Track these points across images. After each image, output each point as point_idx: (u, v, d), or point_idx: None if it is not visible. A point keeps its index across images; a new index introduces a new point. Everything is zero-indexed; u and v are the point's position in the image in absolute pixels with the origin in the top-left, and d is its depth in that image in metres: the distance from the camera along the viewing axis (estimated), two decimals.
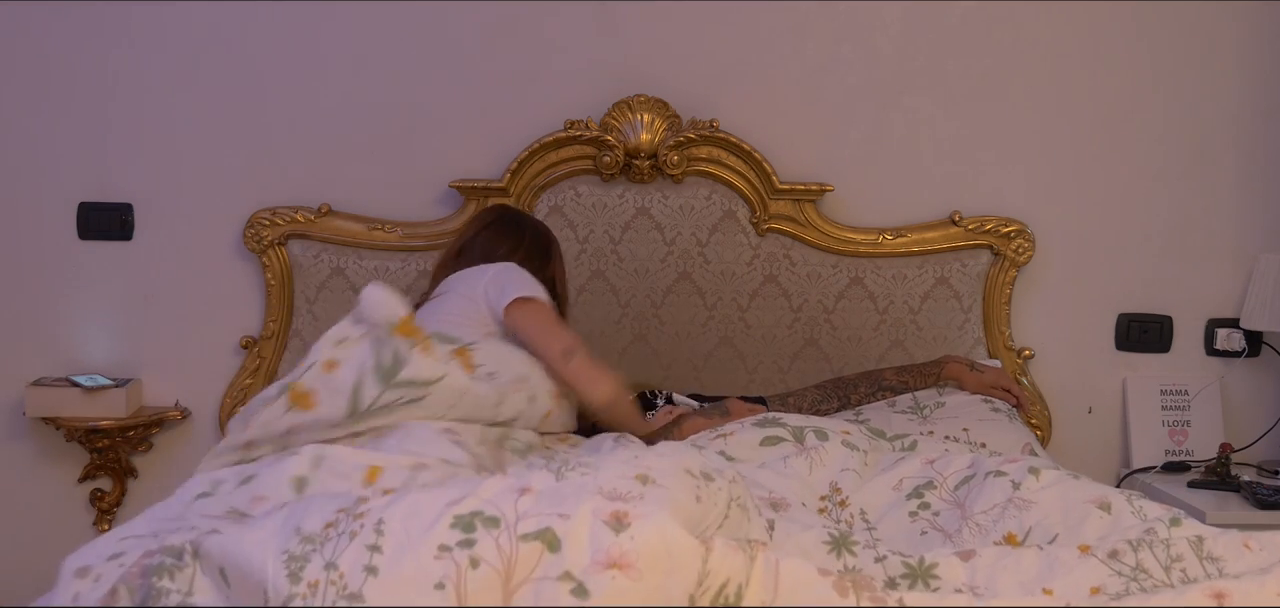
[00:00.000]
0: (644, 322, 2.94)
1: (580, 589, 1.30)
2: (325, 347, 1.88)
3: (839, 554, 1.65)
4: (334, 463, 1.72)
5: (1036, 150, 3.01)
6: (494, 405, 1.99)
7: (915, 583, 1.59)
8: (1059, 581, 1.57)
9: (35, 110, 2.90)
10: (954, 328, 2.97)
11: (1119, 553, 1.60)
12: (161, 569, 1.41)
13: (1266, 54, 3.01)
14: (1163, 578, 1.57)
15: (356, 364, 1.84)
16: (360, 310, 1.90)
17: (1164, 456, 3.01)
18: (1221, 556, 1.60)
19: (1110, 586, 1.56)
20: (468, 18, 2.92)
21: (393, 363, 1.84)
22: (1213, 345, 3.07)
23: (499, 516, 1.37)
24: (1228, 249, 3.05)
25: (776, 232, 2.94)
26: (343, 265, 2.90)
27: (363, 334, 1.89)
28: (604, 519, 1.35)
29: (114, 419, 2.84)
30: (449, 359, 1.93)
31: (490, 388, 1.98)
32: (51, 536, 2.86)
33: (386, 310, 1.88)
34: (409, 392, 1.85)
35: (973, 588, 1.57)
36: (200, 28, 2.90)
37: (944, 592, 1.57)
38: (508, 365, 2.09)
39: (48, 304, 2.94)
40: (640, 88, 2.91)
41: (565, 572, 1.31)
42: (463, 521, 1.36)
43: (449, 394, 1.89)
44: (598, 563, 1.31)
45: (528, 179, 2.91)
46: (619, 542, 1.33)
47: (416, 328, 1.90)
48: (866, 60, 2.98)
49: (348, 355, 1.86)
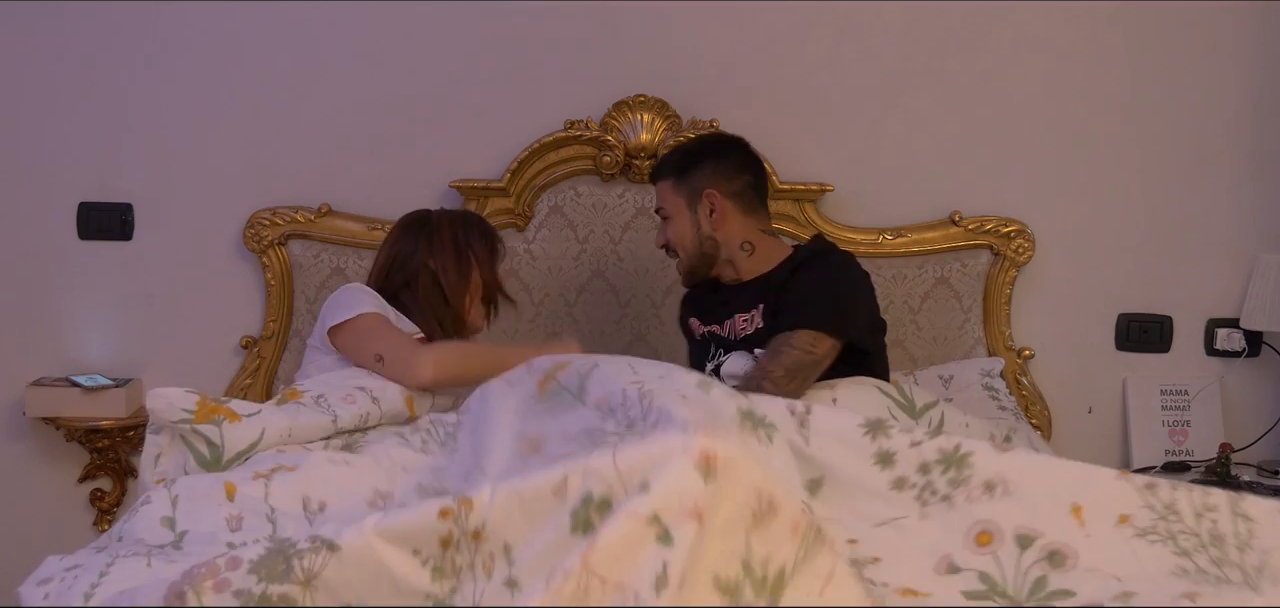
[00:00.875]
0: (644, 322, 2.94)
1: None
2: (148, 470, 1.93)
3: (873, 437, 1.65)
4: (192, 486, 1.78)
5: (1036, 150, 3.01)
6: (330, 421, 2.02)
7: (948, 468, 1.60)
8: (1090, 497, 1.58)
9: (35, 110, 2.90)
10: (954, 328, 2.97)
11: (1155, 486, 1.59)
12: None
13: (1266, 54, 3.01)
14: (1192, 525, 1.56)
15: (180, 468, 1.90)
16: (154, 419, 1.93)
17: (1164, 456, 3.01)
18: (1255, 517, 1.57)
19: (1140, 518, 1.56)
20: (468, 18, 2.92)
21: (211, 452, 1.89)
22: (1213, 345, 3.07)
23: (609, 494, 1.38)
24: (1227, 249, 3.04)
25: (777, 232, 2.93)
26: (343, 265, 2.90)
27: (171, 439, 1.93)
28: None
29: (114, 419, 2.84)
30: (272, 408, 2.00)
31: (318, 412, 2.03)
32: (51, 536, 2.85)
33: (178, 407, 1.92)
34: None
35: (1003, 481, 1.59)
36: (200, 28, 2.89)
37: (973, 483, 1.59)
38: (337, 385, 2.13)
39: (48, 304, 2.94)
40: (640, 88, 2.91)
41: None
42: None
43: (275, 435, 1.94)
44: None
45: (528, 179, 2.91)
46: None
47: (215, 404, 1.95)
48: (866, 60, 2.98)
49: (167, 465, 1.91)
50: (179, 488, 1.76)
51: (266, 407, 2.01)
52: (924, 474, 1.61)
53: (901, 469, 1.62)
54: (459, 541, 1.40)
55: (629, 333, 2.94)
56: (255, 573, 1.33)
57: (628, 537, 1.30)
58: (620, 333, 2.94)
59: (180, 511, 1.70)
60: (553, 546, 1.37)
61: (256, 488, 1.75)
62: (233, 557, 1.35)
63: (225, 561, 1.34)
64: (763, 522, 1.39)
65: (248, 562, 1.34)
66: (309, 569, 1.33)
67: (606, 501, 1.36)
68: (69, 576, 1.53)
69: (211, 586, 1.32)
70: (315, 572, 1.33)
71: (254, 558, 1.35)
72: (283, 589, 1.31)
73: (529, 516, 1.40)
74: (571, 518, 1.38)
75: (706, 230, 2.43)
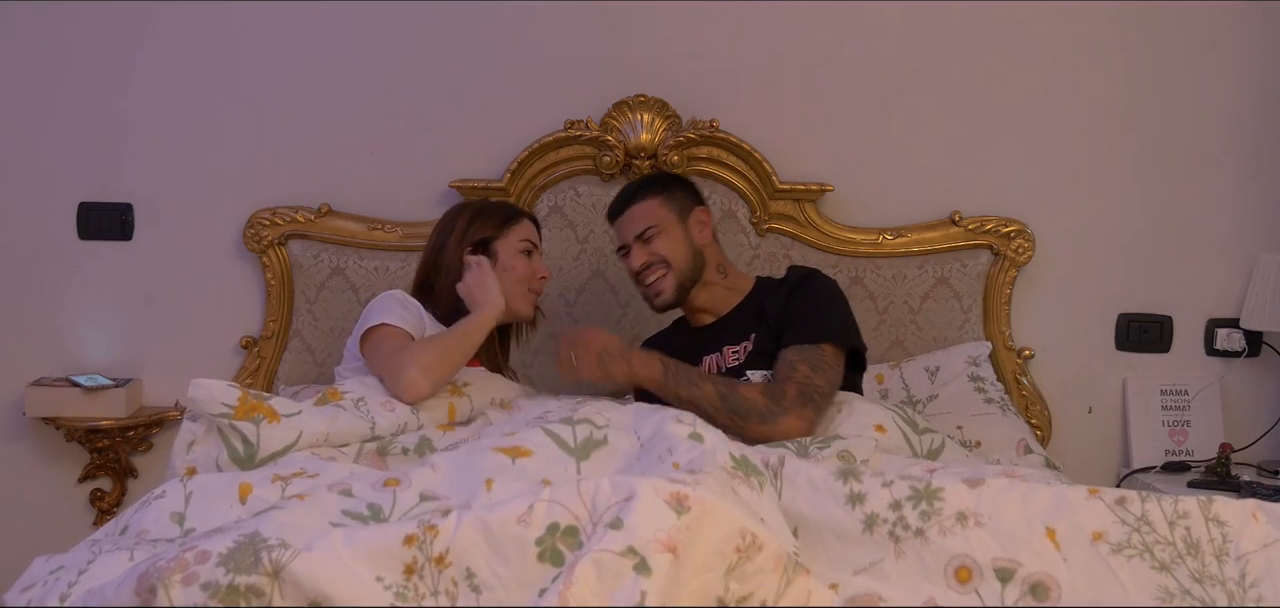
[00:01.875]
0: (644, 321, 2.94)
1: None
2: (179, 455, 1.91)
3: (845, 481, 1.66)
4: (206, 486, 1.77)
5: (1036, 150, 3.01)
6: (367, 427, 2.02)
7: (919, 503, 1.60)
8: (1064, 521, 1.57)
9: (35, 110, 2.90)
10: (954, 328, 2.96)
11: (1126, 501, 1.59)
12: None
13: (1266, 54, 3.01)
14: (1166, 534, 1.56)
15: (211, 460, 1.88)
16: (194, 408, 1.92)
17: (1164, 456, 3.01)
18: (1228, 521, 1.58)
19: (1113, 533, 1.56)
20: (468, 18, 2.92)
21: (246, 449, 1.88)
22: (1213, 345, 3.07)
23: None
24: (1227, 249, 3.04)
25: (777, 232, 2.94)
26: (343, 265, 2.90)
27: (207, 430, 1.92)
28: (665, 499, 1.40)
29: (114, 419, 2.84)
30: (312, 409, 1.99)
31: (357, 415, 2.02)
32: (51, 536, 2.84)
33: (219, 400, 1.91)
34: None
35: (975, 514, 1.58)
36: (201, 28, 2.89)
37: (945, 515, 1.58)
38: (377, 388, 2.13)
39: (48, 304, 2.94)
40: (640, 88, 2.91)
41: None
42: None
43: (312, 437, 1.94)
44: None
45: (528, 179, 2.91)
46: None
47: (256, 402, 1.93)
48: (866, 60, 2.98)
49: (200, 455, 1.89)
50: (194, 485, 1.74)
51: (306, 407, 1.99)
52: (895, 510, 1.61)
53: (872, 506, 1.62)
54: (422, 567, 1.40)
55: (629, 333, 2.94)
56: (223, 566, 1.32)
57: (605, 569, 1.32)
58: (620, 333, 2.93)
59: (192, 507, 1.69)
60: (518, 571, 1.38)
61: (272, 491, 1.73)
62: (201, 551, 1.34)
63: (193, 555, 1.34)
64: (747, 557, 1.41)
65: (216, 555, 1.34)
66: (277, 562, 1.33)
67: (573, 529, 1.39)
68: (51, 578, 1.53)
69: (180, 580, 1.31)
70: (284, 564, 1.33)
71: (222, 551, 1.35)
72: (250, 580, 1.31)
73: (493, 543, 1.41)
74: (537, 545, 1.39)
75: (698, 244, 2.47)
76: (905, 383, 2.80)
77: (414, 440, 2.02)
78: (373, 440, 2.01)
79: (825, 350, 2.27)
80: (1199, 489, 2.82)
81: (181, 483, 1.74)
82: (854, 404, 2.23)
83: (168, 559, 1.34)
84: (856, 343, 2.36)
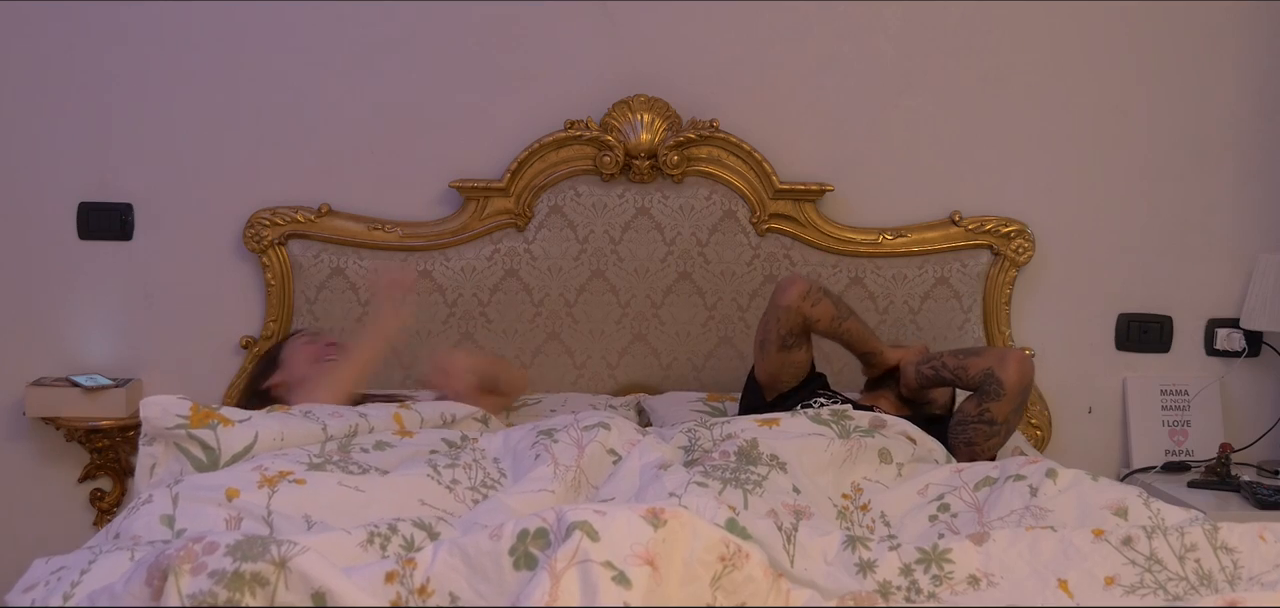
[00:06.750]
0: (644, 322, 2.94)
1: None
2: (142, 480, 1.92)
3: (853, 549, 1.66)
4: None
5: (1036, 150, 3.01)
6: (320, 431, 2.05)
7: (929, 566, 1.60)
8: (1074, 570, 1.57)
9: (35, 110, 2.90)
10: (954, 328, 2.97)
11: (1133, 540, 1.59)
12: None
13: (1266, 54, 3.01)
14: (1177, 570, 1.56)
15: (174, 476, 1.89)
16: (148, 426, 1.93)
17: (1164, 456, 3.02)
18: (1236, 547, 1.58)
19: (1125, 576, 1.56)
20: (468, 18, 2.92)
21: (208, 456, 1.90)
22: (1213, 345, 3.07)
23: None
24: (1227, 249, 3.05)
25: (776, 232, 2.94)
26: (343, 265, 2.90)
27: (165, 449, 1.93)
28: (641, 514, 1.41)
29: (114, 419, 2.84)
30: (262, 415, 2.03)
31: (309, 422, 2.06)
32: (51, 536, 2.85)
33: (173, 413, 1.92)
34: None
35: (987, 574, 1.58)
36: (200, 28, 2.89)
37: (956, 578, 1.57)
38: (322, 404, 2.21)
39: (48, 304, 2.94)
40: (640, 88, 2.91)
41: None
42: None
43: (268, 439, 1.97)
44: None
45: (528, 179, 2.91)
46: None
47: (208, 410, 1.96)
48: (866, 60, 2.98)
49: (164, 476, 1.90)
50: (181, 487, 1.76)
51: (256, 414, 2.03)
52: (907, 576, 1.60)
53: (883, 573, 1.61)
54: (407, 600, 1.42)
55: (629, 333, 2.94)
56: (231, 555, 1.34)
57: (587, 580, 1.32)
58: (620, 333, 2.94)
59: (180, 509, 1.71)
60: (497, 584, 1.41)
61: (260, 496, 1.75)
62: (210, 542, 1.36)
63: (202, 546, 1.36)
64: (733, 566, 1.41)
65: (224, 546, 1.36)
66: (284, 555, 1.34)
67: (542, 531, 1.40)
68: (53, 578, 1.54)
69: (189, 569, 1.33)
70: (289, 557, 1.34)
71: (230, 543, 1.37)
72: (256, 568, 1.33)
73: (471, 564, 1.43)
74: (511, 555, 1.42)
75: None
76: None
77: (371, 443, 2.03)
78: (331, 441, 2.03)
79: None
80: (1199, 489, 2.82)
81: (168, 486, 1.76)
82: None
83: (177, 548, 1.36)
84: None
